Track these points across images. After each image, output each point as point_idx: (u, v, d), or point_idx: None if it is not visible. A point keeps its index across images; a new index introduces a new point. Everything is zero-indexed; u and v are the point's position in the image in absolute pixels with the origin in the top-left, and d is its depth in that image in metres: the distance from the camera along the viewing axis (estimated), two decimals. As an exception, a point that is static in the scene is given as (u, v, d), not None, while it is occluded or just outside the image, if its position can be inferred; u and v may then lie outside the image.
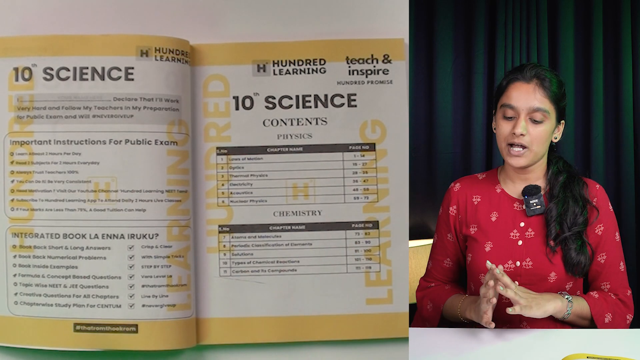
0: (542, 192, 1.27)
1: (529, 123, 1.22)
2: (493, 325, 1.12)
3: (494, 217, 1.29)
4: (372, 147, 0.93)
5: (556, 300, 1.17)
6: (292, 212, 0.92)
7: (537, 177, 1.29)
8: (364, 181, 0.92)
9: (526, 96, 1.22)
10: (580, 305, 1.21)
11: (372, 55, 0.93)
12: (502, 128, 1.25)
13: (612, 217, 1.30)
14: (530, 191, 1.27)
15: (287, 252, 0.91)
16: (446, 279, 1.39)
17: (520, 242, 1.26)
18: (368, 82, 0.93)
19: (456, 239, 1.35)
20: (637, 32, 2.00)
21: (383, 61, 0.93)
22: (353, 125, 0.93)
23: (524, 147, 1.23)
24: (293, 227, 0.92)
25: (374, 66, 0.93)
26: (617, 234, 1.29)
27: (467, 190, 1.34)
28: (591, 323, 1.23)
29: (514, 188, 1.31)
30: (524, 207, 1.28)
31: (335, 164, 0.92)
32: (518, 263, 1.25)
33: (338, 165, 0.93)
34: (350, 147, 0.93)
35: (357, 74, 0.93)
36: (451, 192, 1.36)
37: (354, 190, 0.92)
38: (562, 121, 1.28)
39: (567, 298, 1.19)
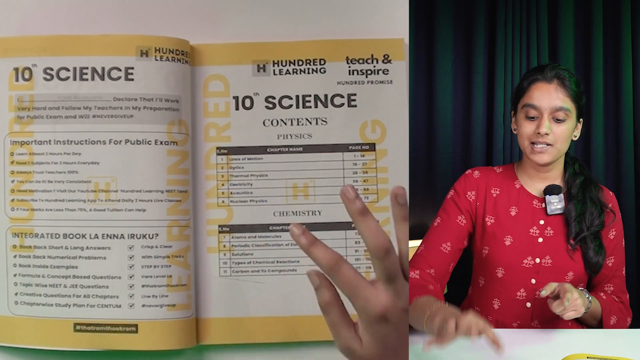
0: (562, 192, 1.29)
1: (552, 122, 1.23)
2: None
3: (513, 211, 1.29)
4: (372, 147, 0.93)
5: (582, 297, 1.17)
6: (292, 212, 0.92)
7: (556, 176, 1.30)
8: (364, 181, 0.92)
9: (548, 96, 1.24)
10: (595, 305, 1.22)
11: (372, 55, 0.94)
12: (525, 128, 1.26)
13: (621, 224, 1.32)
14: (552, 190, 1.28)
15: (287, 252, 0.91)
16: (434, 267, 1.24)
17: (540, 240, 1.26)
18: (368, 82, 0.93)
19: (471, 223, 1.32)
20: (637, 32, 2.00)
21: (383, 61, 0.93)
22: (353, 125, 0.93)
23: (547, 144, 1.24)
24: (293, 227, 0.92)
25: (374, 66, 0.93)
26: (623, 239, 1.31)
27: (486, 179, 1.33)
28: (598, 323, 1.23)
29: (533, 186, 1.31)
30: (542, 205, 1.28)
31: (335, 164, 0.92)
32: (538, 260, 1.25)
33: (338, 165, 0.93)
34: (350, 147, 0.93)
35: (357, 74, 0.93)
36: (470, 178, 1.33)
37: (354, 190, 0.92)
38: (581, 119, 1.29)
39: (587, 297, 1.19)
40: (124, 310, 0.88)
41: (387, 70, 0.93)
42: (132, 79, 0.90)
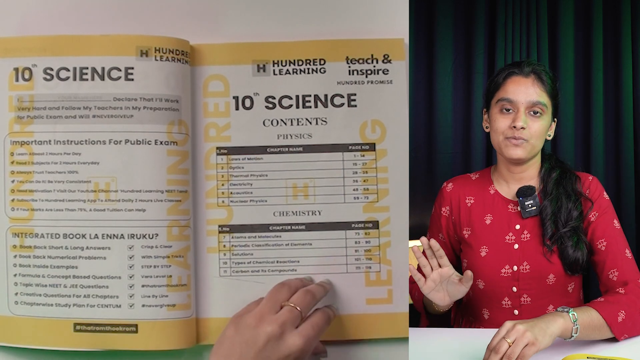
0: (537, 192, 1.26)
1: (528, 117, 1.21)
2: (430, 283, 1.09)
3: (488, 220, 1.28)
4: (372, 147, 0.93)
5: (557, 318, 1.03)
6: (292, 212, 0.92)
7: (532, 176, 1.28)
8: (364, 181, 0.92)
9: (525, 89, 1.22)
10: (588, 315, 1.07)
11: (372, 55, 0.94)
12: (500, 122, 1.23)
13: (608, 205, 1.25)
14: (524, 192, 1.25)
15: (287, 252, 0.91)
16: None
17: (516, 246, 1.24)
18: (368, 82, 0.93)
19: (449, 240, 1.33)
20: (637, 32, 2.00)
21: (383, 61, 0.93)
22: (353, 125, 0.93)
23: (523, 139, 1.21)
24: (293, 227, 0.92)
25: (374, 66, 0.93)
26: (615, 221, 1.24)
27: (460, 190, 1.32)
28: (610, 331, 1.08)
29: (507, 189, 1.29)
30: (518, 208, 1.26)
31: (335, 164, 0.93)
32: (515, 267, 1.23)
33: (338, 165, 0.93)
34: (350, 147, 0.93)
35: (357, 74, 0.93)
36: (444, 193, 1.34)
37: (354, 190, 0.92)
38: (555, 119, 1.28)
39: (568, 312, 1.05)
40: (124, 310, 0.88)
41: (387, 70, 0.93)
42: (132, 79, 0.90)
